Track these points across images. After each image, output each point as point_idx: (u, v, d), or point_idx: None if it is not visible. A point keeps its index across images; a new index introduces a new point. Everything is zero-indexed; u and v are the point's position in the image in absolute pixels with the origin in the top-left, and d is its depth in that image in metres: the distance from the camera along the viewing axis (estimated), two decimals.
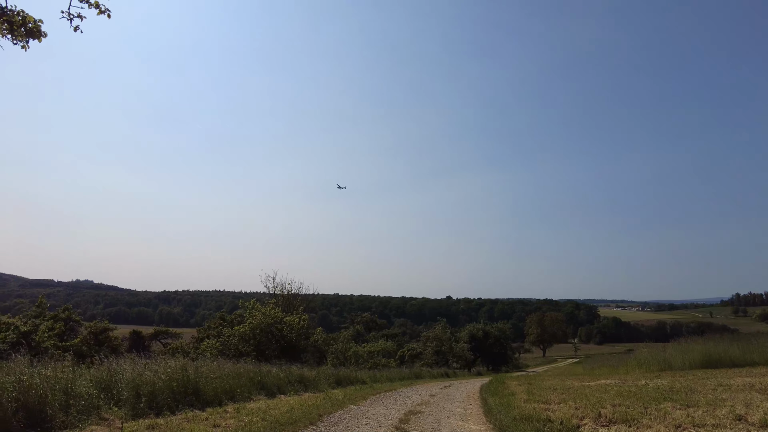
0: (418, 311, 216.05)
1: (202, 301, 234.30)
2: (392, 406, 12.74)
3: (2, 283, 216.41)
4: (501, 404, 12.02)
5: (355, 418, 10.30)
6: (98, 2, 7.89)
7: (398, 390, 18.01)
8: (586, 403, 10.53)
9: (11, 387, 7.51)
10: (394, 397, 15.26)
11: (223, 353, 22.10)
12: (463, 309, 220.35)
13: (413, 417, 10.59)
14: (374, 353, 40.76)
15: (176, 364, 11.65)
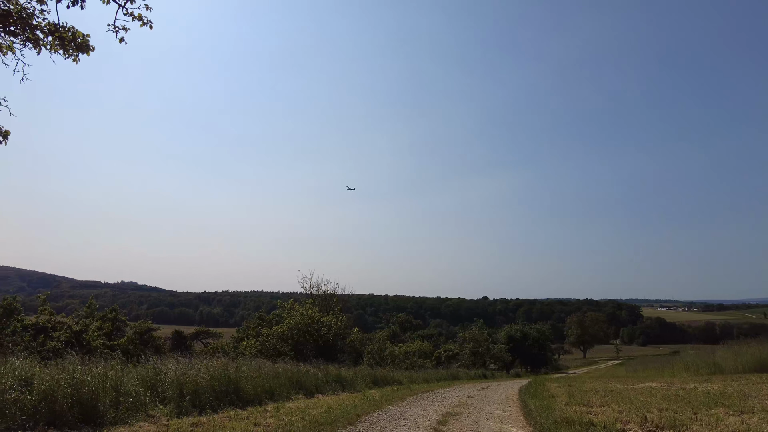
0: (453, 312, 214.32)
1: (241, 302, 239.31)
2: (430, 407, 12.66)
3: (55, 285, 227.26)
4: (541, 407, 11.77)
5: (393, 419, 10.29)
6: (141, 15, 8.19)
7: (435, 391, 17.90)
8: (630, 407, 10.19)
9: (66, 384, 7.86)
10: (431, 398, 15.17)
11: (262, 353, 22.52)
12: (500, 309, 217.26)
13: (451, 418, 10.49)
14: (410, 354, 40.67)
15: (217, 364, 11.94)
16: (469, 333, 54.71)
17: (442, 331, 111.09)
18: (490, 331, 61.32)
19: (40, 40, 8.08)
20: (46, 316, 26.12)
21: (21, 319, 24.65)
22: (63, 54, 8.40)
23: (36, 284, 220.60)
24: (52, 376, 8.00)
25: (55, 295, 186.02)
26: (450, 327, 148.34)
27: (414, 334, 67.41)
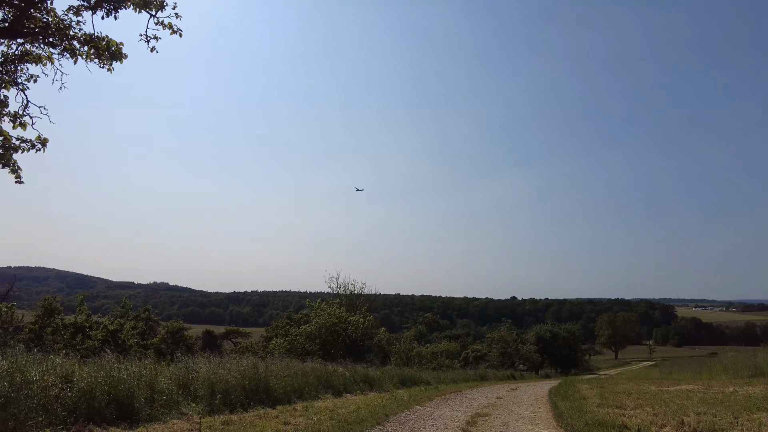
0: (481, 312, 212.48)
1: (269, 301, 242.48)
2: (458, 407, 12.60)
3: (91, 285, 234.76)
4: (572, 408, 11.57)
5: (421, 419, 10.28)
6: (171, 23, 8.41)
7: (463, 392, 17.79)
8: (666, 410, 9.93)
9: (104, 381, 8.13)
10: (459, 398, 15.09)
11: (291, 352, 22.77)
12: (528, 309, 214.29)
13: (480, 419, 10.42)
14: (438, 354, 40.52)
15: (247, 363, 12.14)
16: (498, 333, 54.19)
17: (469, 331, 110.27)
18: (519, 331, 60.58)
19: (77, 50, 8.39)
20: (83, 315, 27.03)
21: (61, 319, 25.59)
22: (98, 63, 8.70)
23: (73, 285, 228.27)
24: (91, 373, 8.28)
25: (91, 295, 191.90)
26: (477, 327, 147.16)
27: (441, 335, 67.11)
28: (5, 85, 8.12)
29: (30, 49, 8.42)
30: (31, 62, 8.52)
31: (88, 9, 8.24)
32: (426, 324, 75.11)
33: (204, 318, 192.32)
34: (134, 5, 8.39)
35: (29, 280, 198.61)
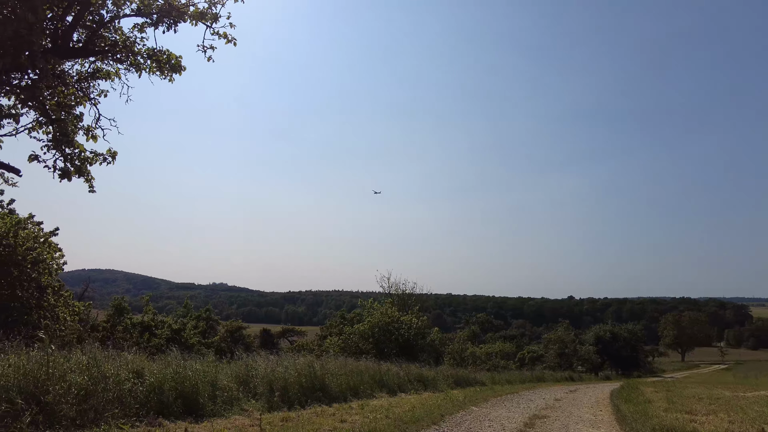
0: (536, 312, 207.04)
1: (323, 301, 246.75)
2: (515, 409, 12.37)
3: (155, 287, 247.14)
4: (636, 412, 11.08)
5: (477, 420, 10.17)
6: (226, 33, 8.77)
7: (520, 393, 17.44)
8: (743, 417, 9.32)
9: (171, 377, 8.57)
10: (516, 400, 14.81)
11: (345, 351, 23.11)
12: (587, 309, 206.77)
13: (538, 421, 10.18)
14: (492, 355, 39.99)
15: (304, 361, 12.43)
16: (554, 334, 52.78)
17: (524, 332, 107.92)
18: (577, 332, 58.66)
19: (141, 64, 8.91)
20: (149, 315, 28.59)
21: (129, 318, 27.20)
22: (159, 75, 9.20)
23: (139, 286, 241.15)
24: (159, 370, 8.74)
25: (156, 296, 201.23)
26: (533, 328, 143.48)
27: (495, 335, 66.09)
28: (80, 101, 8.74)
29: (100, 66, 9.03)
30: (102, 78, 9.14)
31: (150, 25, 8.74)
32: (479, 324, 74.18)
33: (261, 317, 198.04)
34: (191, 18, 8.80)
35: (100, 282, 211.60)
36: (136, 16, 8.63)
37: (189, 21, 8.85)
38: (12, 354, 7.07)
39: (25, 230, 13.55)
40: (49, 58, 6.98)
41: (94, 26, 8.42)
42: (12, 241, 12.92)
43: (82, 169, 8.46)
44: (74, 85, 8.72)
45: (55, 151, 8.23)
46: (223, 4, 8.74)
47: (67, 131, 8.14)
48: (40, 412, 6.41)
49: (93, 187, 8.90)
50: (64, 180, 8.28)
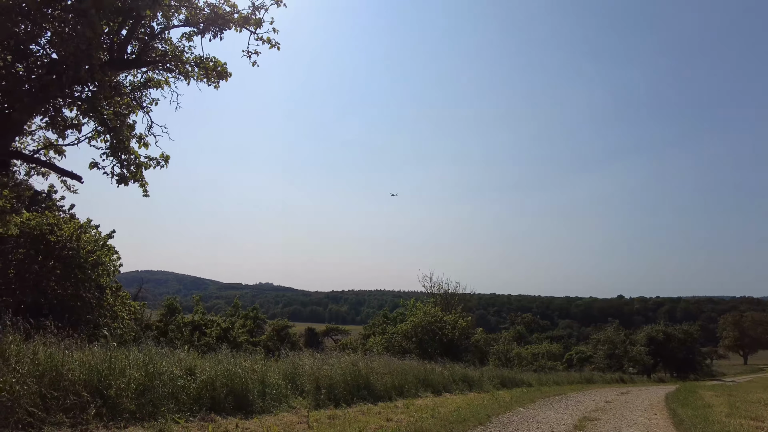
0: (584, 312, 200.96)
1: (365, 300, 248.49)
2: (563, 410, 12.07)
3: (204, 287, 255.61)
4: (695, 417, 10.58)
5: (524, 421, 9.99)
6: (269, 38, 8.99)
7: (568, 394, 17.01)
8: None
9: (222, 374, 8.86)
10: (564, 401, 14.45)
11: (388, 350, 23.22)
12: (637, 309, 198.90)
13: (589, 424, 9.89)
14: (539, 355, 39.16)
15: (348, 360, 12.57)
16: (604, 334, 51.09)
17: (571, 332, 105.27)
18: (627, 332, 56.52)
19: (189, 72, 9.25)
20: (200, 314, 29.68)
21: (181, 317, 28.30)
22: (206, 82, 9.53)
23: (189, 286, 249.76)
24: (210, 367, 9.05)
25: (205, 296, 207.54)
26: (581, 328, 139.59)
27: (541, 336, 64.70)
28: (134, 110, 9.18)
29: (152, 76, 9.44)
30: (153, 87, 9.55)
31: (197, 34, 9.06)
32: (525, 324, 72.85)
33: (305, 316, 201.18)
34: (235, 25, 9.07)
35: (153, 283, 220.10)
36: (184, 26, 8.98)
37: (233, 28, 9.12)
38: (77, 350, 7.49)
39: (86, 234, 14.34)
40: (106, 71, 7.37)
41: (146, 38, 8.82)
42: (75, 244, 13.72)
43: (137, 174, 8.88)
44: (128, 95, 9.16)
45: (112, 158, 8.68)
46: (266, 9, 8.96)
47: (123, 139, 8.55)
48: (104, 405, 6.77)
49: (147, 192, 9.32)
50: (120, 185, 8.73)
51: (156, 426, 6.72)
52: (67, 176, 9.43)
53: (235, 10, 8.98)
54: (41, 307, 12.43)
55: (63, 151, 9.62)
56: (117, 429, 6.48)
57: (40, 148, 9.68)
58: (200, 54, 9.33)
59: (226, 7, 8.98)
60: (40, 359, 6.69)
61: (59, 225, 13.74)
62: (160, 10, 8.51)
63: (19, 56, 7.50)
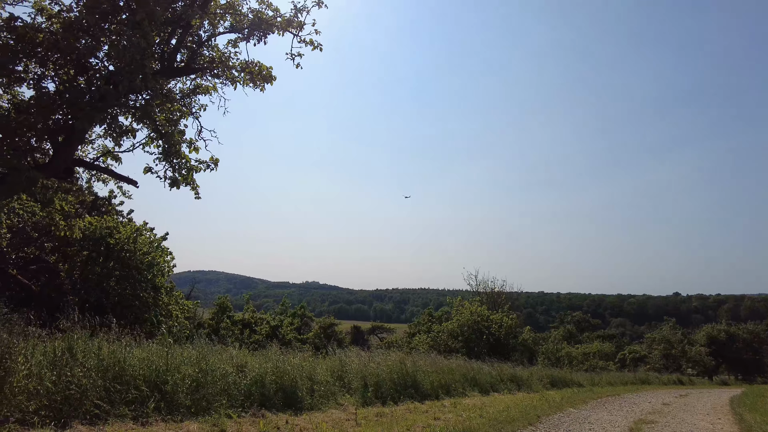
0: (638, 310, 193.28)
1: (410, 299, 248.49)
2: (617, 412, 11.65)
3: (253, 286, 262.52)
4: (765, 423, 9.96)
5: (576, 422, 9.71)
6: (312, 39, 9.12)
7: (622, 395, 16.42)
8: None
9: (271, 371, 9.07)
10: (618, 402, 13.95)
11: (434, 348, 23.12)
12: (695, 307, 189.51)
13: (645, 427, 9.50)
14: (590, 355, 37.96)
15: (395, 358, 12.59)
16: (659, 333, 49.04)
17: (624, 331, 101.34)
18: (685, 331, 53.92)
19: (236, 77, 9.53)
20: (249, 313, 30.54)
21: (231, 316, 29.20)
22: (252, 86, 9.77)
23: (239, 286, 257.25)
24: (260, 364, 9.28)
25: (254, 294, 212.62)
26: (634, 327, 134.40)
27: (592, 335, 62.53)
28: (184, 116, 9.54)
29: (200, 82, 9.78)
30: (201, 93, 9.89)
31: (242, 40, 9.32)
32: (575, 323, 70.64)
33: (351, 314, 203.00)
34: (278, 29, 9.26)
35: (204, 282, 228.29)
36: (230, 32, 9.27)
37: (276, 32, 9.32)
38: (137, 347, 7.86)
39: (142, 236, 15.05)
40: (158, 79, 7.71)
41: (194, 46, 9.16)
42: (132, 246, 14.43)
43: (188, 177, 9.23)
44: (179, 102, 9.52)
45: (165, 162, 9.05)
46: (308, 12, 9.10)
47: (174, 144, 8.90)
48: (162, 399, 7.08)
49: (198, 194, 9.67)
50: (173, 188, 9.09)
51: (210, 421, 6.95)
52: (124, 181, 9.91)
53: (278, 14, 9.17)
54: (104, 306, 13.14)
55: (119, 157, 10.13)
56: (174, 423, 6.74)
57: (99, 155, 10.22)
58: (246, 59, 9.59)
59: (269, 11, 9.19)
60: (104, 355, 7.06)
61: (117, 228, 14.50)
62: (206, 19, 8.81)
63: (80, 70, 7.95)
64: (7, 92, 8.57)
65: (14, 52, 7.27)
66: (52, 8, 8.03)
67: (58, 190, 8.46)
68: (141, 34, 7.12)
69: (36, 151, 8.44)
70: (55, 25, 7.63)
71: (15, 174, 7.30)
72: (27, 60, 7.68)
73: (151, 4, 7.35)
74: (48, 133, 7.94)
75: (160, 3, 7.61)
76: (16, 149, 7.67)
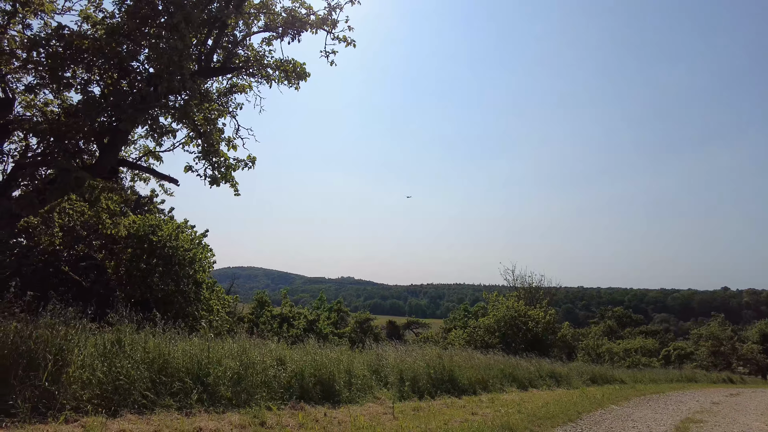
0: (682, 305, 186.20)
1: (445, 294, 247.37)
2: (662, 410, 11.27)
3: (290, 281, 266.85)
4: None
5: (618, 420, 9.45)
6: (345, 36, 9.16)
7: (667, 393, 15.89)
8: None
9: (309, 365, 9.20)
10: (663, 400, 13.51)
11: (470, 344, 22.94)
12: (746, 302, 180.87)
13: (693, 426, 9.16)
14: (631, 351, 36.89)
15: (431, 353, 12.58)
16: (707, 329, 47.17)
17: (668, 327, 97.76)
18: (735, 327, 51.66)
19: (271, 75, 9.66)
20: (287, 307, 31.06)
21: (270, 310, 29.80)
22: (287, 84, 9.89)
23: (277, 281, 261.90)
24: (299, 357, 9.43)
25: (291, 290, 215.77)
26: (679, 323, 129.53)
27: (634, 330, 60.62)
28: (221, 115, 9.75)
29: (236, 81, 9.97)
30: (238, 92, 10.08)
31: (277, 38, 9.43)
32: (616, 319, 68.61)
33: (386, 309, 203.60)
34: (312, 27, 9.33)
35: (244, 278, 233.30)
36: (264, 31, 9.39)
37: (310, 30, 9.39)
38: (180, 340, 8.12)
39: (183, 234, 15.51)
40: (195, 79, 7.90)
41: (230, 46, 9.33)
42: (173, 243, 14.90)
43: (227, 175, 9.44)
44: (216, 101, 9.74)
45: (204, 161, 9.29)
46: (341, 9, 9.13)
47: (213, 142, 9.12)
48: (204, 391, 7.30)
49: (238, 191, 9.88)
50: (212, 186, 9.33)
51: (251, 413, 7.11)
52: (166, 180, 10.22)
53: (311, 12, 9.24)
54: (148, 301, 13.63)
55: (160, 157, 10.46)
56: (216, 414, 6.94)
57: (142, 155, 10.59)
58: (280, 57, 9.71)
59: (302, 10, 9.26)
60: (149, 348, 7.34)
61: (160, 226, 15.00)
62: (241, 18, 8.96)
63: (122, 73, 8.24)
64: (57, 97, 8.99)
65: (63, 59, 7.59)
66: (96, 15, 8.36)
67: (104, 190, 8.81)
68: (178, 37, 7.31)
69: (83, 152, 8.81)
70: (99, 32, 7.93)
71: (65, 175, 7.65)
72: (74, 66, 8.02)
73: (187, 6, 7.53)
74: (94, 135, 8.27)
75: (197, 5, 7.78)
76: (65, 151, 8.03)
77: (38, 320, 6.69)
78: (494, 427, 7.80)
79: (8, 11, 8.10)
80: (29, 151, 9.10)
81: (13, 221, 7.94)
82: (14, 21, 8.20)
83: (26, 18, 8.21)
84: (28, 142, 9.12)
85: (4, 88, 8.28)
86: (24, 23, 8.24)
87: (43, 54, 7.57)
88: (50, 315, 6.93)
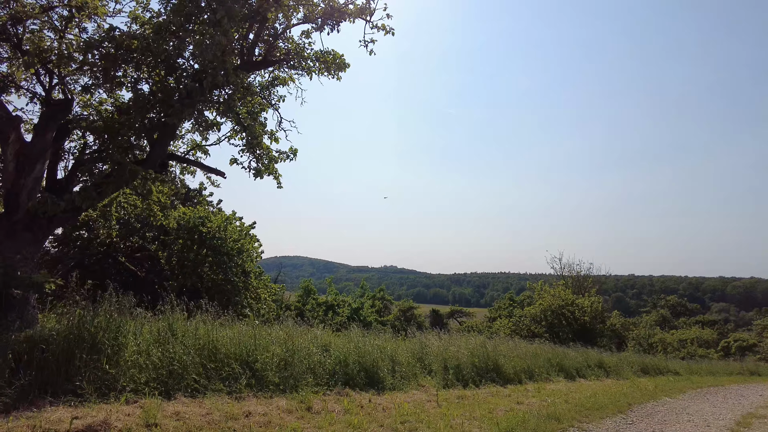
0: (744, 294, 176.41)
1: (489, 283, 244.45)
2: (721, 404, 10.77)
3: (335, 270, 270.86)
4: None
5: (672, 412, 9.11)
6: (384, 24, 9.11)
7: (726, 386, 15.17)
8: None
9: (354, 352, 9.34)
10: (722, 393, 12.90)
11: (515, 333, 22.64)
12: None
13: (756, 422, 8.70)
14: (686, 342, 35.36)
15: (476, 341, 12.49)
16: None
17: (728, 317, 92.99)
18: None
19: (311, 67, 9.75)
20: (332, 295, 31.59)
21: (315, 298, 30.41)
22: (328, 75, 9.95)
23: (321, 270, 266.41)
24: (344, 344, 9.59)
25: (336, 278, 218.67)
26: (740, 313, 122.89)
27: (690, 320, 58.03)
28: (264, 108, 9.94)
29: (278, 74, 10.12)
30: (279, 85, 10.23)
31: (316, 30, 9.49)
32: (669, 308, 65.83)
33: (429, 298, 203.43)
34: (350, 16, 9.32)
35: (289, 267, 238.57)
36: (303, 23, 9.46)
37: (348, 19, 9.38)
38: (229, 328, 8.42)
39: (231, 225, 16.01)
40: (238, 73, 8.07)
41: (271, 39, 9.46)
42: (222, 234, 15.41)
43: (270, 167, 9.65)
44: (259, 94, 9.93)
45: (248, 153, 9.52)
46: None
47: (256, 135, 9.33)
48: (252, 377, 7.55)
49: (281, 183, 10.08)
50: (257, 178, 9.56)
51: (297, 398, 7.30)
52: (213, 173, 10.56)
53: (350, 1, 9.23)
54: (198, 290, 14.19)
55: (207, 150, 10.79)
56: (265, 398, 7.16)
57: (189, 149, 10.96)
58: (320, 49, 9.78)
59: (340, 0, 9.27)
60: (200, 334, 7.65)
61: (209, 218, 15.53)
62: (281, 11, 9.06)
63: (169, 70, 8.53)
64: (110, 96, 9.42)
65: (114, 59, 7.94)
66: (144, 15, 8.68)
67: (155, 182, 9.20)
68: (222, 32, 7.49)
69: (135, 148, 9.22)
70: (147, 31, 8.22)
71: (120, 169, 8.04)
72: (125, 65, 8.37)
73: (229, 2, 7.69)
74: (145, 131, 8.63)
75: (238, 0, 7.93)
76: (119, 147, 8.42)
77: (98, 308, 7.09)
78: (540, 416, 7.69)
79: (66, 17, 8.53)
80: (87, 149, 9.62)
81: (75, 215, 8.42)
82: (71, 25, 8.64)
83: (82, 22, 8.63)
84: (86, 139, 9.63)
85: (63, 90, 8.75)
86: (80, 27, 8.67)
87: (97, 55, 7.93)
88: (108, 303, 7.33)
